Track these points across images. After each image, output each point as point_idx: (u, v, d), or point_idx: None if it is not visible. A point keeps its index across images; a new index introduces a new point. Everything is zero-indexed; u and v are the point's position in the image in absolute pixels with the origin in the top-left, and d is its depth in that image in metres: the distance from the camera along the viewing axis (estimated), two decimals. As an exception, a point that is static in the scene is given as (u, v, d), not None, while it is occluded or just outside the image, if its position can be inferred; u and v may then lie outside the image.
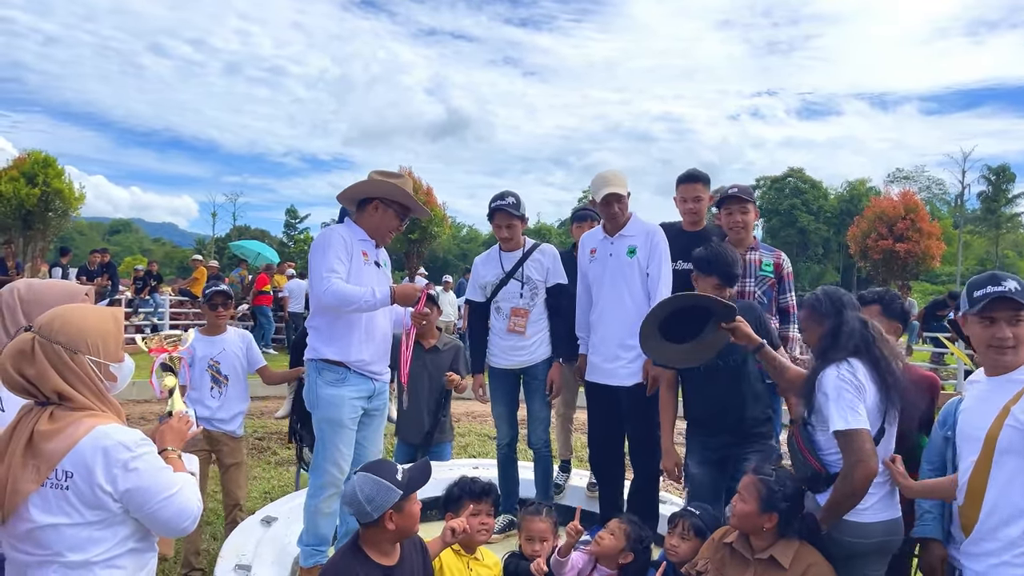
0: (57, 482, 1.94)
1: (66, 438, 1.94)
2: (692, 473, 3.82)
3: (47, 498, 1.94)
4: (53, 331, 2.02)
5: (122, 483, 1.96)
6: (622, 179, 4.31)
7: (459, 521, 3.16)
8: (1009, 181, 58.64)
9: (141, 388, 11.16)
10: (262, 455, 7.92)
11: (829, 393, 2.81)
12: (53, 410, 1.99)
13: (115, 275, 16.43)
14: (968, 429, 2.63)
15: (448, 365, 5.27)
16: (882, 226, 15.96)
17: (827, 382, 2.84)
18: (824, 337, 2.99)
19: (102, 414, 2.04)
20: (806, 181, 63.24)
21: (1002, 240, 59.95)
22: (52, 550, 1.95)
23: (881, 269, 16.27)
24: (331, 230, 3.76)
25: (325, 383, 3.68)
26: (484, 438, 9.24)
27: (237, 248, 19.51)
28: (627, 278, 4.22)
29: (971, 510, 2.57)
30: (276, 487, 6.66)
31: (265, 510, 4.34)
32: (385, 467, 2.76)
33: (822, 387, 2.85)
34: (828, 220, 60.23)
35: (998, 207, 58.01)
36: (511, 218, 4.47)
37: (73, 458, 1.94)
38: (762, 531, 2.88)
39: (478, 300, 4.68)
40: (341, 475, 3.69)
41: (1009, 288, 2.48)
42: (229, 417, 4.67)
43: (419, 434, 5.51)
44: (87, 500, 1.95)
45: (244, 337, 4.86)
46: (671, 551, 3.30)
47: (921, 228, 15.58)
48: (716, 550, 3.06)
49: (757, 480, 2.91)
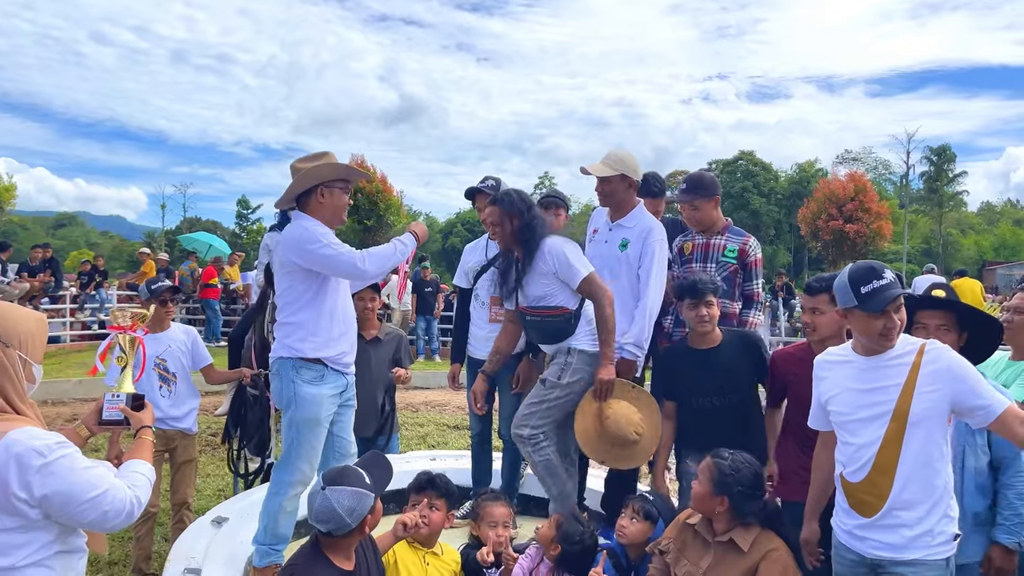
0: None
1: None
2: (690, 472, 3.66)
3: None
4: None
5: (38, 489, 1.87)
6: (617, 160, 4.12)
7: (410, 515, 3.13)
8: (950, 161, 60.34)
9: (89, 386, 10.91)
10: (215, 451, 7.74)
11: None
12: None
13: (58, 271, 15.94)
14: (859, 407, 2.70)
15: (391, 355, 5.17)
16: (832, 207, 16.27)
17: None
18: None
19: (16, 418, 1.95)
20: (757, 164, 64.07)
21: (945, 218, 61.63)
22: None
23: (831, 249, 16.58)
24: (301, 225, 3.56)
25: (304, 382, 3.56)
26: (443, 427, 9.19)
27: (187, 241, 19.11)
28: (614, 272, 4.10)
29: (879, 487, 2.63)
30: (229, 484, 6.51)
31: (216, 510, 4.23)
32: (351, 474, 2.69)
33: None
34: (779, 202, 61.09)
35: (940, 187, 59.62)
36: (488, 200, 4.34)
37: None
38: (716, 513, 2.89)
39: (464, 286, 4.67)
40: (312, 473, 3.62)
41: (890, 280, 2.64)
42: (182, 415, 4.57)
43: (370, 426, 5.43)
44: (3, 507, 1.87)
45: (189, 333, 4.74)
46: (619, 531, 3.40)
47: (869, 208, 15.89)
48: (680, 531, 3.09)
49: (712, 463, 2.93)
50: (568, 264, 3.77)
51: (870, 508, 2.66)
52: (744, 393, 3.71)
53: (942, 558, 2.59)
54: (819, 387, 2.90)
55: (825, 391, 2.84)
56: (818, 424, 2.96)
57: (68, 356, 14.14)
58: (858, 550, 2.71)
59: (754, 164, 63.37)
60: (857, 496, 2.70)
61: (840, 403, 2.77)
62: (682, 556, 2.99)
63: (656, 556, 3.11)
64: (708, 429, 3.63)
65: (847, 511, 2.75)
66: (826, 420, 2.89)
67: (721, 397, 3.65)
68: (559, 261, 3.78)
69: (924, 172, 60.34)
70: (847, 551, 2.76)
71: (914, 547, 2.58)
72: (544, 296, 3.83)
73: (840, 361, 2.83)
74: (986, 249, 62.11)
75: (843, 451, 2.77)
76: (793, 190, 60.08)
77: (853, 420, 2.72)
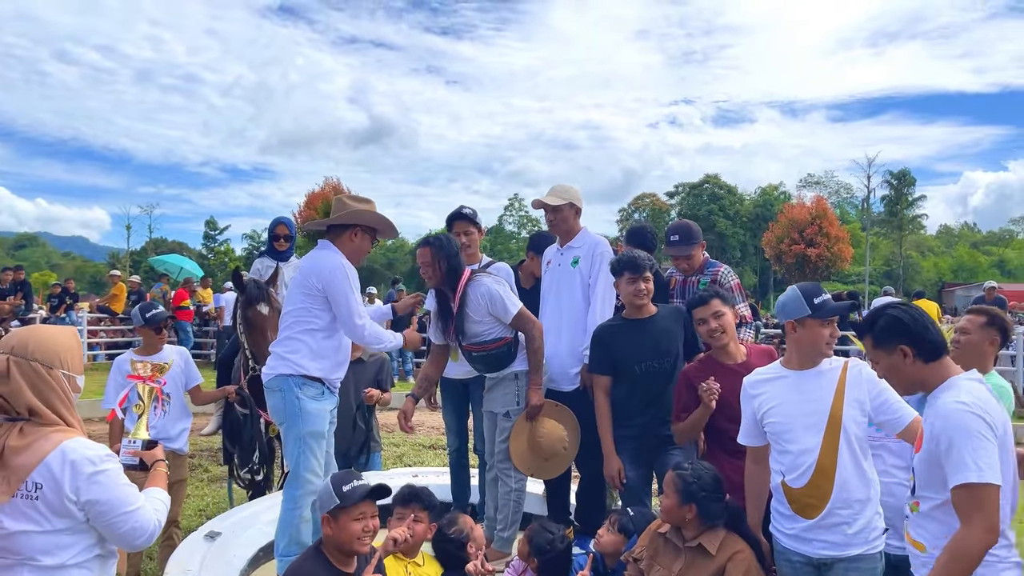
0: (27, 493, 2.09)
1: (35, 452, 2.09)
2: (629, 476, 4.00)
3: (17, 508, 2.08)
4: (29, 350, 2.17)
5: (85, 494, 2.11)
6: (564, 191, 4.58)
7: (400, 530, 3.29)
8: (910, 185, 61.85)
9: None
10: (193, 472, 7.81)
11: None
12: (23, 426, 2.13)
13: (29, 293, 15.80)
14: (797, 417, 2.98)
15: (373, 377, 5.36)
16: (794, 231, 16.70)
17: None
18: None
19: (68, 429, 2.19)
20: (722, 187, 65.20)
21: (905, 241, 63.03)
22: (24, 554, 2.10)
23: (795, 273, 17.02)
24: (339, 261, 3.83)
25: (309, 398, 3.79)
26: (419, 447, 9.32)
27: (159, 263, 19.04)
28: (569, 287, 4.48)
29: (821, 489, 2.89)
30: (211, 504, 6.62)
31: (208, 525, 4.36)
32: (344, 477, 2.96)
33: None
34: (744, 224, 62.19)
35: (900, 210, 61.02)
36: (469, 224, 4.71)
37: (42, 471, 2.08)
38: (686, 521, 3.12)
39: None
40: (319, 481, 3.77)
41: (828, 298, 3.03)
42: (175, 435, 4.66)
43: (343, 440, 5.60)
44: (55, 509, 2.10)
45: (182, 353, 4.85)
46: (596, 540, 3.65)
47: (829, 233, 16.34)
48: (651, 540, 3.30)
49: (675, 475, 3.17)
50: (502, 303, 4.14)
51: (813, 510, 2.90)
52: (678, 357, 3.98)
53: (878, 551, 2.90)
54: (752, 404, 3.15)
55: (760, 407, 3.09)
56: (751, 440, 3.20)
57: (38, 379, 13.99)
58: (804, 552, 2.93)
59: (719, 187, 64.46)
60: (801, 500, 2.94)
61: (778, 415, 3.03)
62: (655, 563, 3.21)
63: (631, 564, 3.35)
64: (649, 392, 3.92)
65: (790, 516, 2.98)
66: (759, 435, 3.14)
67: (659, 360, 3.92)
68: (493, 301, 4.14)
69: (885, 196, 61.78)
70: (793, 554, 2.98)
71: (855, 543, 2.85)
72: (482, 333, 4.19)
73: (773, 378, 3.11)
74: (944, 271, 63.64)
75: (781, 460, 3.02)
76: (757, 213, 61.16)
77: (792, 430, 2.98)
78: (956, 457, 2.25)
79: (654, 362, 3.91)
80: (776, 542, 3.07)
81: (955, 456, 2.25)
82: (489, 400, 4.38)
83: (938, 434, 2.32)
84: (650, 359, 3.92)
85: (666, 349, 3.93)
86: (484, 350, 4.20)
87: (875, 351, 2.57)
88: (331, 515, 2.87)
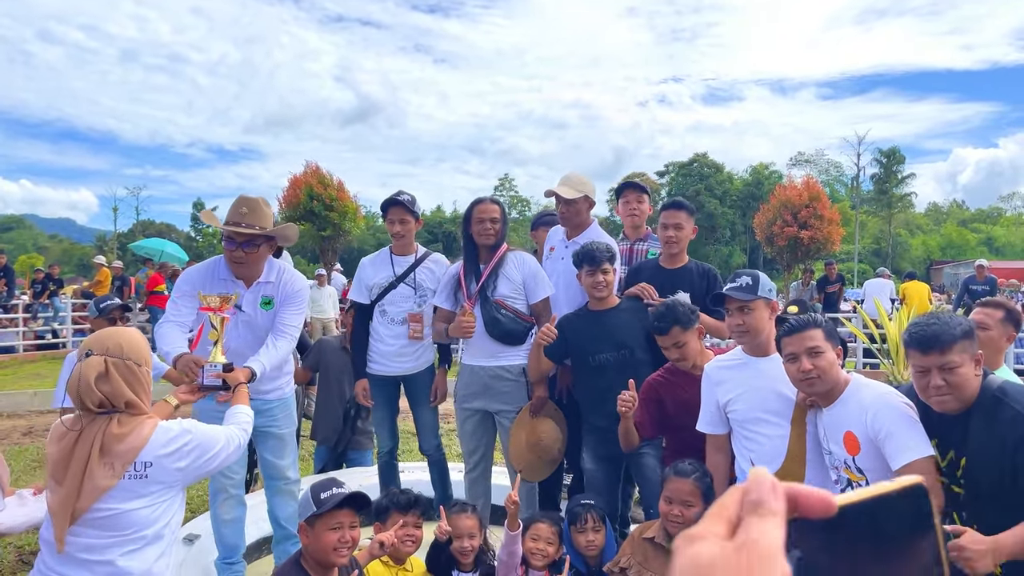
0: (136, 473, 2.33)
1: (138, 437, 2.33)
2: (588, 469, 3.93)
3: (126, 488, 2.31)
4: (124, 351, 2.39)
5: (186, 459, 2.42)
6: (579, 183, 4.37)
7: (387, 535, 3.21)
8: (899, 163, 61.85)
9: (44, 398, 10.70)
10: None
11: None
12: (119, 417, 2.34)
13: (11, 279, 15.62)
14: (762, 404, 2.96)
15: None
16: (787, 213, 16.64)
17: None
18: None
19: (153, 415, 2.45)
20: (711, 166, 65.01)
21: (894, 219, 63.16)
22: (129, 530, 2.32)
23: (786, 254, 17.00)
24: (187, 269, 3.81)
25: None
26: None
27: (139, 248, 18.76)
28: (571, 286, 4.23)
29: (793, 475, 2.82)
30: (195, 498, 6.50)
31: (187, 527, 4.26)
32: (325, 483, 2.86)
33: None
34: (734, 203, 62.07)
35: (890, 188, 61.08)
36: (405, 212, 4.39)
37: (149, 450, 2.34)
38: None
39: (363, 302, 4.51)
40: (227, 481, 3.74)
41: (742, 283, 3.01)
42: None
43: (333, 433, 5.49)
44: (164, 481, 2.38)
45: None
46: (590, 547, 3.36)
47: (823, 215, 16.31)
48: (636, 547, 3.19)
49: (694, 483, 3.02)
50: (543, 279, 4.13)
51: None
52: (636, 350, 3.83)
53: None
54: (715, 391, 3.10)
55: (724, 394, 3.05)
56: (713, 427, 3.15)
57: (21, 367, 13.87)
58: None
59: (708, 166, 64.26)
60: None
61: (744, 402, 2.99)
62: (645, 569, 3.12)
63: (615, 574, 3.20)
64: (604, 385, 3.75)
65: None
66: (721, 423, 3.09)
67: (614, 352, 3.81)
68: (531, 271, 4.09)
69: (874, 174, 61.82)
70: None
71: None
72: (509, 296, 4.08)
73: (735, 364, 3.08)
74: (933, 249, 63.82)
75: (749, 446, 2.99)
76: (747, 192, 61.04)
77: (760, 416, 2.94)
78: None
79: (608, 355, 3.81)
80: None
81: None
82: (489, 397, 4.18)
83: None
84: (605, 351, 3.82)
85: (621, 341, 3.79)
86: (513, 313, 4.10)
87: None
88: (308, 523, 2.78)
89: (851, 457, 2.63)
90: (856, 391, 2.67)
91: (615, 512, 4.00)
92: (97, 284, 16.30)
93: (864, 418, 2.57)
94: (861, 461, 2.61)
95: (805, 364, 2.64)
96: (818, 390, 2.70)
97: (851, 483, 2.66)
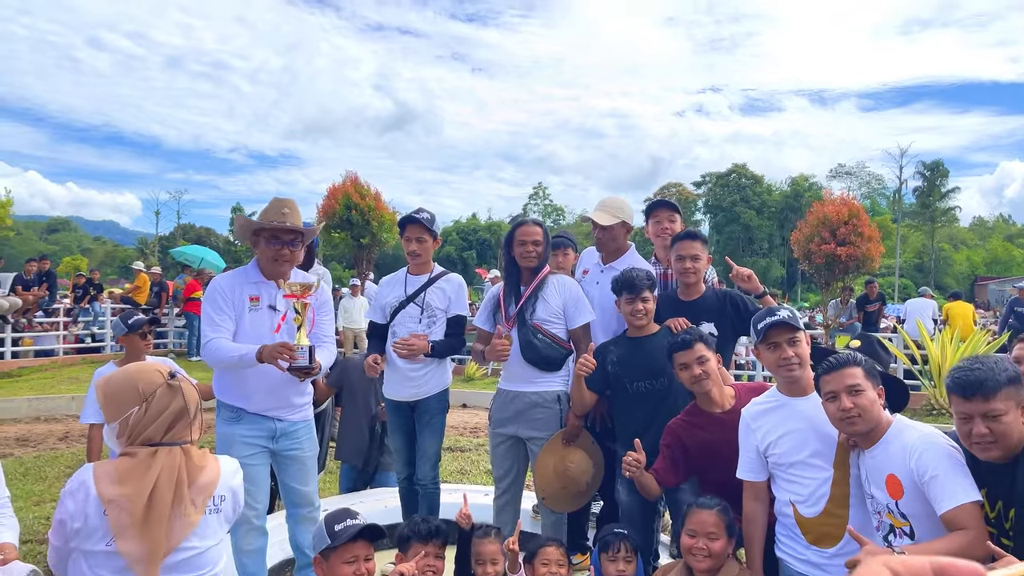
0: (215, 507, 2.23)
1: (211, 470, 2.24)
2: (623, 501, 3.84)
3: (206, 524, 2.20)
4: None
5: (240, 494, 2.35)
6: (617, 208, 4.29)
7: (407, 566, 3.14)
8: (943, 176, 60.66)
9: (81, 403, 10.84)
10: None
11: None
12: (186, 448, 2.21)
13: (54, 284, 15.90)
14: (803, 446, 2.84)
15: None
16: (825, 231, 16.30)
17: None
18: None
19: (205, 451, 2.33)
20: (749, 177, 64.33)
21: (937, 233, 61.92)
22: (203, 569, 2.19)
23: (823, 272, 16.67)
24: (212, 281, 3.71)
25: (221, 420, 3.65)
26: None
27: (179, 255, 19.02)
28: (606, 311, 4.14)
29: (837, 517, 2.75)
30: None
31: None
32: (338, 515, 2.82)
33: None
34: (772, 215, 61.37)
35: (933, 202, 59.90)
36: (424, 231, 4.24)
37: (223, 483, 2.26)
38: (722, 557, 2.93)
39: (379, 321, 4.40)
40: (250, 512, 3.57)
41: (783, 316, 2.88)
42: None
43: (358, 454, 5.46)
44: (230, 517, 2.29)
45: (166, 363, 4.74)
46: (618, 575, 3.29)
47: (862, 232, 15.95)
48: (665, 585, 3.11)
49: (718, 515, 2.95)
50: (585, 304, 4.03)
51: (831, 540, 2.76)
52: (674, 378, 3.63)
53: None
54: (753, 437, 2.98)
55: (764, 438, 2.94)
56: (753, 474, 3.03)
57: (60, 370, 14.08)
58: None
59: (746, 177, 63.62)
60: (817, 531, 2.79)
61: (785, 444, 2.88)
62: (668, 612, 3.05)
63: None
64: (642, 413, 3.73)
65: (806, 545, 2.83)
66: (761, 469, 2.98)
67: (652, 380, 3.74)
68: (572, 296, 4.01)
69: (917, 187, 60.70)
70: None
71: None
72: (547, 320, 3.98)
73: (772, 407, 2.96)
74: (977, 264, 62.48)
75: (791, 489, 2.88)
76: (786, 204, 60.30)
77: (802, 459, 2.83)
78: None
79: (645, 382, 3.74)
80: (788, 568, 2.91)
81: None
82: (522, 423, 4.05)
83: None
84: (643, 379, 3.75)
85: (660, 369, 3.68)
86: (550, 338, 3.98)
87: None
88: (322, 556, 2.74)
89: (894, 502, 2.53)
90: (899, 433, 2.55)
91: (649, 546, 3.89)
92: (136, 290, 16.57)
93: (908, 460, 2.45)
94: (905, 506, 2.50)
95: (845, 403, 2.54)
96: (859, 430, 2.58)
97: (893, 528, 2.56)
